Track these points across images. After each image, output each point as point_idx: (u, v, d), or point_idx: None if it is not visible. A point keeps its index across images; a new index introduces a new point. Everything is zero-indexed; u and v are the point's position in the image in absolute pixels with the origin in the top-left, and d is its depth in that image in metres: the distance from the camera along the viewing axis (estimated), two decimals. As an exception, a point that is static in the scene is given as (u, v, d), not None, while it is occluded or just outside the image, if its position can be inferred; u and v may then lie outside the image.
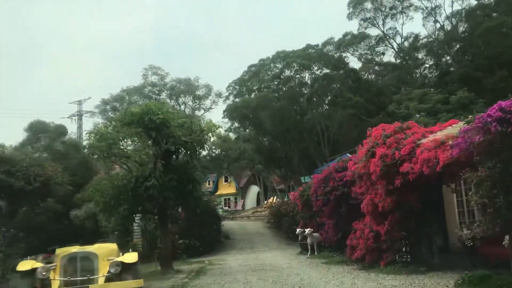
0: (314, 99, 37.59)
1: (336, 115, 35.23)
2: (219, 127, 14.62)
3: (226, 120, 40.88)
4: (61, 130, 37.35)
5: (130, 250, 10.98)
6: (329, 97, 37.01)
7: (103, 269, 8.43)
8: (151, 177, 14.05)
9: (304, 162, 40.72)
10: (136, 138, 14.25)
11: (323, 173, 18.03)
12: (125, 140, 14.52)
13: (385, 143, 12.95)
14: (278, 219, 32.54)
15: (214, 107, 32.85)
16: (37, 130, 35.29)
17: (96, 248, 9.28)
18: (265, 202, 48.75)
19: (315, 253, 20.77)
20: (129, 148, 15.14)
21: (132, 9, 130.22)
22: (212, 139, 15.99)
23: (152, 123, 13.79)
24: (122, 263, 8.46)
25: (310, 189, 21.54)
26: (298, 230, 22.72)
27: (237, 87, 40.95)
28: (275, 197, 46.70)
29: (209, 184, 64.45)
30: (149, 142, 14.42)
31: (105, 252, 9.21)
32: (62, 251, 9.00)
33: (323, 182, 17.60)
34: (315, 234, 21.21)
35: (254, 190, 58.91)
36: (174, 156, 16.11)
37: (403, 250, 13.58)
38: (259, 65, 40.05)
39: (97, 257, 8.64)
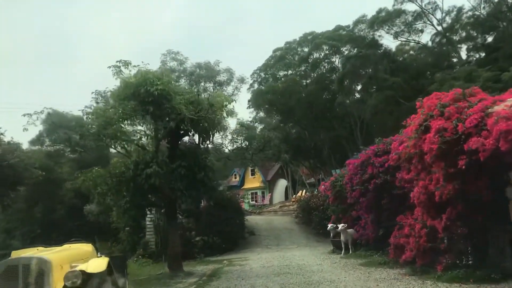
0: (346, 82, 34.41)
1: (370, 99, 32.00)
2: (232, 102, 11.98)
3: (251, 110, 38.51)
4: (80, 122, 35.75)
5: (115, 253, 8.70)
6: (363, 79, 33.53)
7: (58, 283, 6.00)
8: (152, 163, 11.72)
9: (335, 153, 37.77)
10: (134, 115, 11.86)
11: (360, 158, 15.12)
12: (125, 119, 12.13)
13: (443, 114, 10.03)
14: (307, 214, 29.85)
15: (236, 93, 30.23)
16: (54, 121, 33.74)
17: (54, 252, 6.70)
18: (293, 196, 46.05)
19: (350, 252, 18.08)
20: (129, 128, 12.73)
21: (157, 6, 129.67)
22: (225, 116, 13.48)
23: (149, 96, 11.28)
24: (84, 273, 5.94)
25: (344, 179, 18.81)
26: (329, 225, 20.01)
27: (262, 74, 38.33)
28: (304, 191, 43.89)
29: (235, 178, 62.37)
30: (148, 119, 11.98)
31: (67, 257, 6.64)
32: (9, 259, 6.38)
33: (360, 169, 14.71)
34: (350, 231, 18.46)
35: (282, 184, 56.26)
36: (183, 140, 13.77)
37: (467, 251, 10.68)
38: (285, 48, 37.22)
39: (50, 265, 5.98)
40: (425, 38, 65.73)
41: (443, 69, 30.50)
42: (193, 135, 13.41)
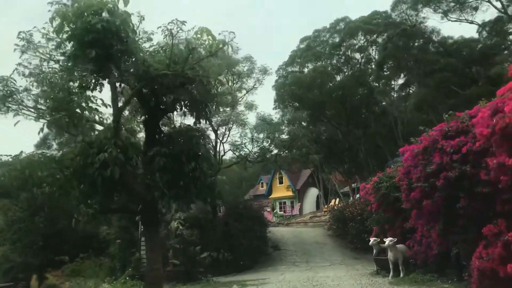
0: (385, 70, 29.74)
1: (417, 87, 27.14)
2: (221, 44, 7.84)
3: (278, 110, 34.40)
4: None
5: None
6: (407, 63, 28.55)
7: None
8: (109, 145, 7.81)
9: (371, 157, 33.09)
10: (75, 66, 7.75)
11: (424, 142, 10.49)
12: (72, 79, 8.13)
13: None
14: (342, 225, 25.38)
15: (258, 86, 26.20)
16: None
17: None
18: (325, 205, 41.41)
19: (401, 275, 13.62)
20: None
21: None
22: (218, 63, 9.42)
23: (90, 32, 7.11)
24: None
25: (391, 180, 14.43)
26: (372, 240, 15.58)
27: (288, 69, 34.26)
28: (337, 199, 39.21)
29: (262, 186, 58.20)
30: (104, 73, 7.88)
31: None
32: None
33: (422, 159, 10.13)
34: (400, 246, 13.99)
35: (312, 193, 51.64)
36: (166, 118, 9.83)
37: None
38: (314, 37, 33.06)
39: None
40: (480, 17, 57.65)
41: (504, 51, 25.49)
42: (183, 111, 9.46)
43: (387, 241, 13.69)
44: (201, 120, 10.02)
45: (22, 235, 22.87)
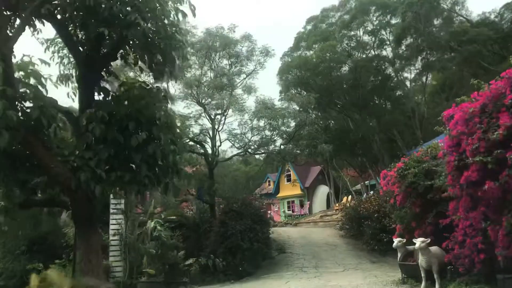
0: (404, 49, 26.42)
1: (441, 62, 23.74)
2: None
3: (283, 102, 31.30)
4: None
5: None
6: (429, 36, 25.08)
7: None
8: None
9: (385, 151, 29.89)
10: None
11: (481, 99, 7.17)
12: None
13: None
14: (356, 224, 22.37)
15: (259, 69, 23.14)
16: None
17: None
18: (336, 203, 38.30)
19: (436, 286, 10.61)
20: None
21: None
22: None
23: None
24: None
25: (421, 163, 11.45)
26: (396, 241, 12.57)
27: (293, 54, 31.19)
28: (349, 196, 36.05)
29: (269, 184, 55.19)
30: None
31: None
32: None
33: (480, 122, 6.75)
34: (435, 249, 10.96)
35: (323, 191, 48.51)
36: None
37: None
38: (322, 17, 29.96)
39: None
40: None
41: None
42: (134, 59, 6.57)
43: (418, 242, 10.65)
44: (165, 77, 7.10)
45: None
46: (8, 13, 5.88)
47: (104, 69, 6.75)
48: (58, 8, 6.08)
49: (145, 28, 6.04)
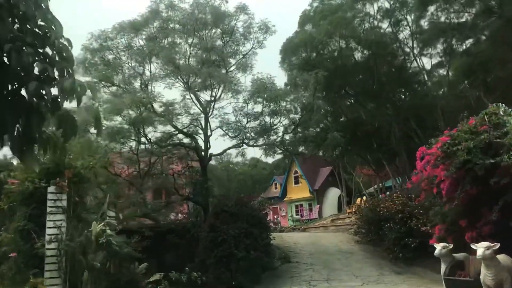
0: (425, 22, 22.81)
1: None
2: None
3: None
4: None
5: None
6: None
7: None
8: None
9: (403, 146, 26.33)
10: None
11: None
12: None
13: None
14: (374, 228, 18.89)
15: (257, 47, 19.74)
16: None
17: None
18: (349, 206, 34.66)
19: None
20: None
21: None
22: None
23: None
24: None
25: (478, 135, 8.01)
26: (439, 247, 9.00)
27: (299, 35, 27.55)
28: (363, 197, 32.40)
29: (275, 187, 51.71)
30: None
31: None
32: None
33: None
34: (504, 259, 7.45)
35: (333, 193, 44.91)
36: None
37: None
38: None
39: None
40: None
41: None
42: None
43: (481, 249, 7.13)
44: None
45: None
46: None
47: None
48: None
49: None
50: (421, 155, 9.47)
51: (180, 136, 19.78)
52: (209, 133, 18.86)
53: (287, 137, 18.66)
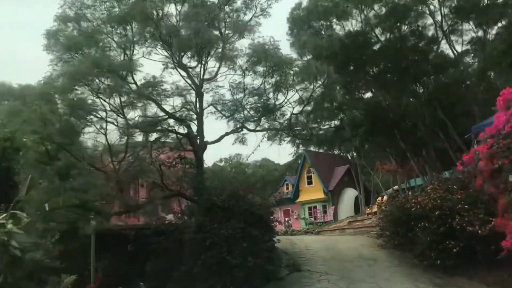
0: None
1: None
2: None
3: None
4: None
5: None
6: None
7: None
8: None
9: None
10: None
11: None
12: None
13: None
14: (402, 229, 15.49)
15: (261, 17, 16.46)
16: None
17: None
18: (368, 207, 31.21)
19: None
20: None
21: None
22: None
23: None
24: None
25: None
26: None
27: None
28: (384, 197, 28.79)
29: (287, 188, 48.28)
30: None
31: None
32: None
33: None
34: None
35: (350, 194, 41.35)
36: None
37: None
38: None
39: None
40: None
41: None
42: None
43: None
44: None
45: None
46: None
47: None
48: None
49: None
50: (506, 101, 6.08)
51: (171, 122, 16.71)
52: (205, 116, 15.68)
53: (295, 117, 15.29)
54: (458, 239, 12.49)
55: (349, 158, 45.60)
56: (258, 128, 15.84)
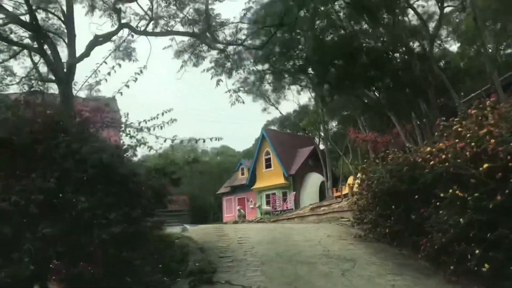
0: None
1: None
2: None
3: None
4: None
5: None
6: None
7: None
8: None
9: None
10: None
11: None
12: None
13: None
14: (399, 207, 8.93)
15: None
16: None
17: None
18: (337, 189, 24.84)
19: None
20: None
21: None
22: None
23: None
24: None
25: None
26: None
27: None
28: (357, 180, 22.33)
29: (242, 173, 41.54)
30: None
31: None
32: None
33: None
34: None
35: (314, 179, 35.14)
36: None
37: None
38: None
39: None
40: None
41: None
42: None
43: None
44: None
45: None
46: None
47: None
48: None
49: None
50: None
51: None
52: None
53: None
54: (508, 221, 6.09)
55: (316, 139, 39.87)
56: (156, 31, 8.91)
